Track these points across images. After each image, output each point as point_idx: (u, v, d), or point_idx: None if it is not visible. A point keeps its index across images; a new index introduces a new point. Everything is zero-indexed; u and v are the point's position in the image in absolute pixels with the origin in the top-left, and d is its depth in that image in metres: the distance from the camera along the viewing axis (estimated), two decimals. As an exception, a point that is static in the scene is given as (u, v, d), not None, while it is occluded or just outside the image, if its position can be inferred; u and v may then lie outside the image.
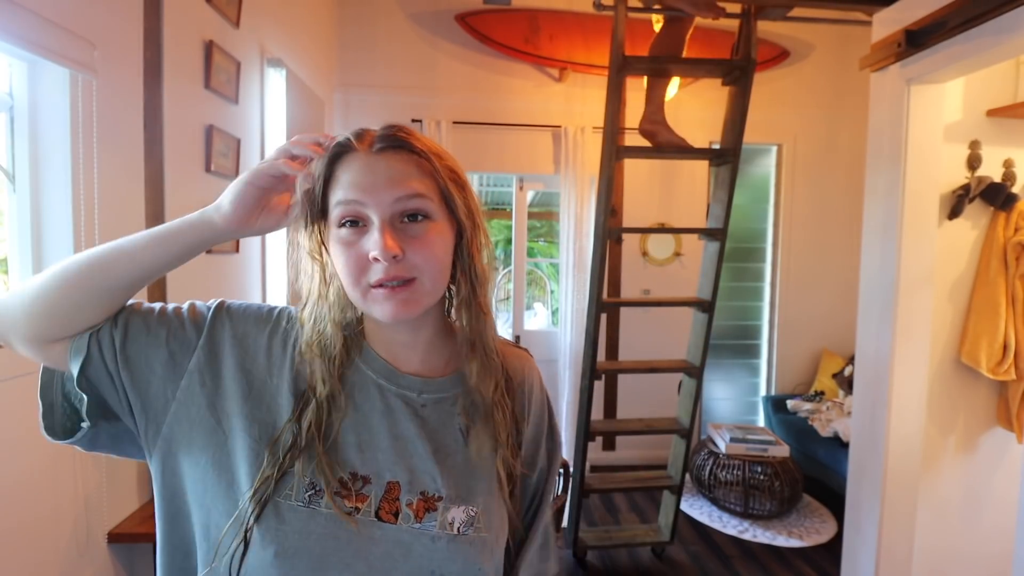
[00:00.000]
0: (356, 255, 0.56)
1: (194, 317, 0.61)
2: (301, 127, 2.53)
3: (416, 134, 0.59)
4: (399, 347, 0.63)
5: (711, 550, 2.66)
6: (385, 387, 0.62)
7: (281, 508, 0.54)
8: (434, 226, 0.57)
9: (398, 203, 0.55)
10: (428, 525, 0.57)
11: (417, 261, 0.56)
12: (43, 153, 1.28)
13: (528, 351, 0.75)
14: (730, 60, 2.19)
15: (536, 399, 0.71)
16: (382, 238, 0.54)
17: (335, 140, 0.58)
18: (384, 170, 0.56)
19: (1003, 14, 1.50)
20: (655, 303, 2.84)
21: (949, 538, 2.04)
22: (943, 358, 2.00)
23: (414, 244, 0.56)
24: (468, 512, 0.59)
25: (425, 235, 0.57)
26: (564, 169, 3.42)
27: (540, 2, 3.36)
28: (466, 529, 0.58)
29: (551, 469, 0.73)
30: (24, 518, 1.20)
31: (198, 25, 1.81)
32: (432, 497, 0.58)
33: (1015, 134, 1.97)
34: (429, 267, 0.57)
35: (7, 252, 1.28)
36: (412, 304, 0.56)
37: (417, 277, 0.56)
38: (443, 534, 0.57)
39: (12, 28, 1.11)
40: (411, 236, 0.56)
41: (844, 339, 3.66)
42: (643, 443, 3.60)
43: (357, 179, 0.56)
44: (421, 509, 0.58)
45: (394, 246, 0.54)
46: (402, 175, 0.56)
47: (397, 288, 0.55)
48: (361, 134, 0.58)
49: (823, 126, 3.66)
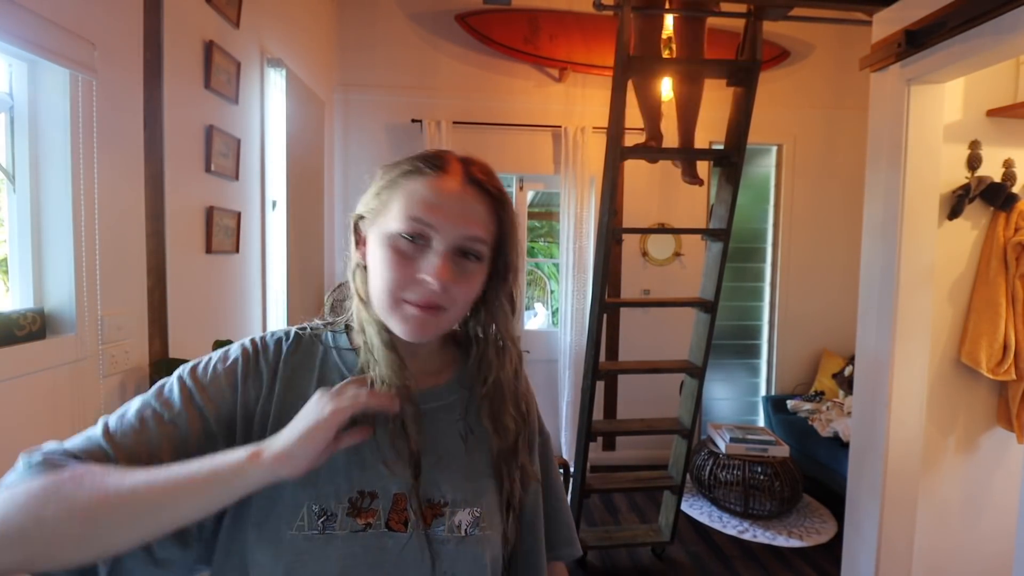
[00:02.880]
0: (407, 268, 0.58)
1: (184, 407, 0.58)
2: (301, 127, 2.53)
3: (493, 175, 0.63)
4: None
5: (711, 550, 2.66)
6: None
7: (297, 540, 0.55)
8: (480, 268, 0.61)
9: (463, 240, 0.59)
10: (437, 530, 0.59)
11: (456, 295, 0.59)
12: (43, 153, 1.28)
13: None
14: (735, 61, 2.19)
15: (532, 398, 0.74)
16: (441, 265, 0.57)
17: (391, 403, 0.57)
18: (463, 205, 0.59)
19: (1003, 14, 1.50)
20: (658, 303, 2.85)
21: (949, 538, 2.04)
22: (943, 358, 2.00)
23: (460, 280, 0.59)
24: (473, 513, 0.61)
25: (472, 275, 0.61)
26: (564, 169, 3.42)
27: (540, 2, 3.36)
28: (472, 530, 0.61)
29: (548, 462, 0.77)
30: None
31: (198, 25, 1.81)
32: (438, 504, 0.60)
33: (1015, 134, 1.97)
34: (462, 303, 0.61)
35: (7, 252, 1.29)
36: (432, 329, 0.60)
37: (448, 308, 0.59)
38: (451, 537, 0.59)
39: (12, 28, 1.10)
40: (460, 271, 0.59)
41: (844, 339, 3.66)
42: (643, 443, 3.60)
43: (437, 201, 0.58)
44: (429, 516, 0.59)
45: (449, 276, 0.57)
46: (476, 215, 0.60)
47: (427, 311, 0.58)
48: (446, 160, 0.61)
49: (823, 126, 3.66)
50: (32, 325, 1.24)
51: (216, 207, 1.91)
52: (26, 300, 1.29)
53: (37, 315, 1.26)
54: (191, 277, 1.80)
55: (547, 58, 3.35)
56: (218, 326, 1.95)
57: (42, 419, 1.24)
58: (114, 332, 1.44)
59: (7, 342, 1.17)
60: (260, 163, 2.25)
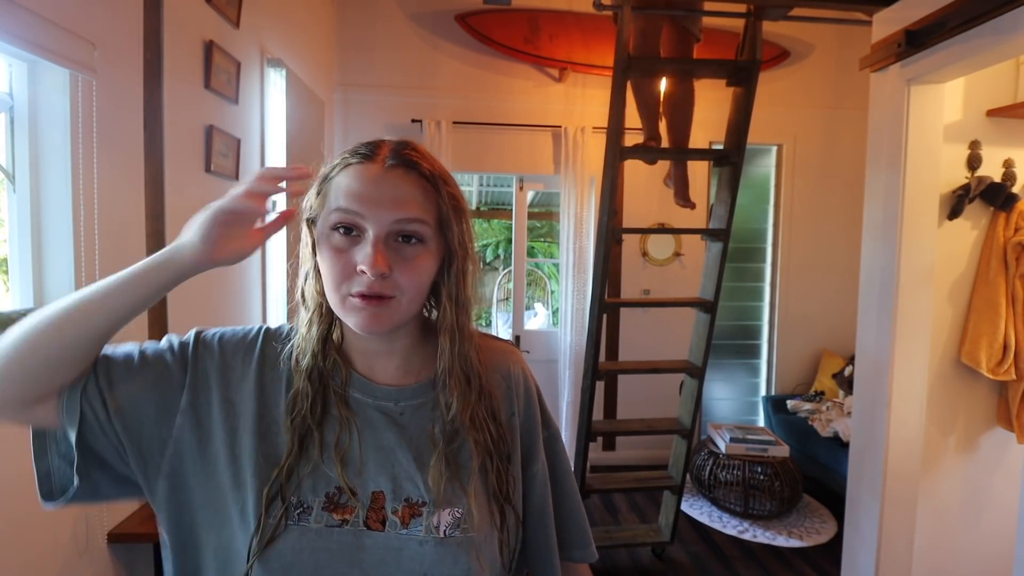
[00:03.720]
0: (344, 262, 0.57)
1: (176, 354, 0.62)
2: (301, 127, 2.53)
3: (427, 156, 0.60)
4: (375, 356, 0.65)
5: (711, 550, 2.66)
6: (363, 400, 0.63)
7: (273, 526, 0.57)
8: (425, 251, 0.59)
9: (396, 224, 0.57)
10: (415, 530, 0.58)
11: (402, 282, 0.58)
12: (43, 153, 1.28)
13: (513, 344, 0.75)
14: (735, 61, 2.19)
15: (524, 390, 0.71)
16: (374, 254, 0.55)
17: (306, 171, 0.60)
18: (390, 188, 0.57)
19: (1003, 14, 1.50)
20: (658, 303, 2.84)
21: (949, 538, 2.04)
22: (943, 358, 2.00)
23: (402, 266, 0.57)
24: (454, 514, 0.60)
25: (415, 259, 0.58)
26: (564, 169, 3.42)
27: (540, 2, 3.36)
28: (452, 531, 0.59)
29: (557, 458, 0.74)
30: (24, 518, 1.20)
31: (198, 25, 1.81)
32: (416, 503, 0.59)
33: (1015, 134, 1.97)
34: (411, 289, 0.58)
35: (7, 252, 1.29)
36: (385, 320, 0.58)
37: (396, 296, 0.58)
38: (429, 538, 0.58)
39: (12, 28, 1.10)
40: (402, 257, 0.58)
41: (844, 339, 3.66)
42: (643, 443, 3.60)
43: (361, 190, 0.57)
44: (407, 515, 0.59)
45: (383, 264, 0.56)
46: (407, 196, 0.57)
47: (374, 302, 0.57)
48: (375, 147, 0.60)
49: (823, 126, 3.66)
50: (32, 325, 1.24)
51: (216, 207, 1.90)
52: (26, 300, 1.29)
53: (37, 315, 1.26)
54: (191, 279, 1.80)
55: (547, 58, 3.36)
56: (218, 326, 1.94)
57: (42, 419, 1.24)
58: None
59: (7, 342, 1.17)
60: (260, 163, 2.25)
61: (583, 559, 0.75)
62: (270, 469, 0.58)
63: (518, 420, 0.69)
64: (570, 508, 0.74)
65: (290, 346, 0.64)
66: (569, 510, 0.74)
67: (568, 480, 0.75)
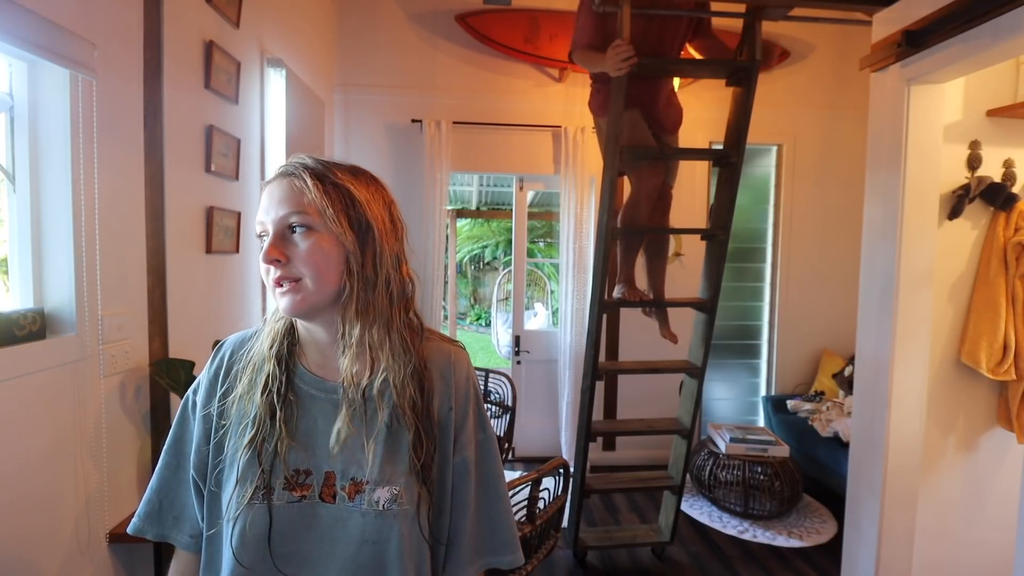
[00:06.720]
0: (262, 260, 0.70)
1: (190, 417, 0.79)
2: (301, 127, 2.53)
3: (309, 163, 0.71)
4: (327, 347, 0.75)
5: (711, 550, 2.66)
6: (316, 395, 0.74)
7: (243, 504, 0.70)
8: (317, 237, 0.69)
9: (282, 219, 0.69)
10: (359, 504, 0.71)
11: (298, 264, 0.69)
12: (43, 153, 1.28)
13: (462, 346, 0.83)
14: (734, 61, 2.19)
15: (461, 390, 0.79)
16: (267, 247, 0.68)
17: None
18: (277, 194, 0.70)
19: (1003, 14, 1.50)
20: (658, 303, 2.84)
21: (949, 538, 2.04)
22: (943, 358, 2.00)
23: (295, 251, 0.69)
24: (391, 491, 0.71)
25: (310, 245, 0.68)
26: (564, 169, 3.42)
27: (540, 2, 3.36)
28: (390, 505, 0.71)
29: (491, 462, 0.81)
30: (25, 517, 1.20)
31: (198, 25, 1.81)
32: (360, 482, 0.71)
33: (1015, 134, 1.97)
34: (309, 270, 0.68)
35: (7, 252, 1.29)
36: (301, 301, 0.69)
37: (302, 278, 0.69)
38: (371, 510, 0.70)
39: (12, 28, 1.11)
40: (293, 245, 0.69)
41: (844, 339, 3.66)
42: (643, 443, 3.60)
43: (263, 203, 0.71)
44: (352, 492, 0.71)
45: (273, 252, 0.68)
46: (289, 195, 0.69)
47: (287, 287, 0.69)
48: (284, 166, 0.72)
49: (823, 126, 3.66)
50: (32, 325, 1.24)
51: (216, 207, 1.91)
52: (26, 300, 1.29)
53: (37, 315, 1.26)
54: (191, 277, 1.80)
55: (547, 58, 3.35)
56: (218, 326, 1.95)
57: (42, 419, 1.24)
58: (114, 332, 1.44)
59: (7, 342, 1.17)
60: (260, 163, 2.25)
61: (509, 564, 0.81)
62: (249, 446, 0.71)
63: (453, 416, 0.77)
64: (498, 510, 0.80)
65: (251, 342, 0.78)
66: (497, 511, 0.80)
67: (498, 483, 0.81)
